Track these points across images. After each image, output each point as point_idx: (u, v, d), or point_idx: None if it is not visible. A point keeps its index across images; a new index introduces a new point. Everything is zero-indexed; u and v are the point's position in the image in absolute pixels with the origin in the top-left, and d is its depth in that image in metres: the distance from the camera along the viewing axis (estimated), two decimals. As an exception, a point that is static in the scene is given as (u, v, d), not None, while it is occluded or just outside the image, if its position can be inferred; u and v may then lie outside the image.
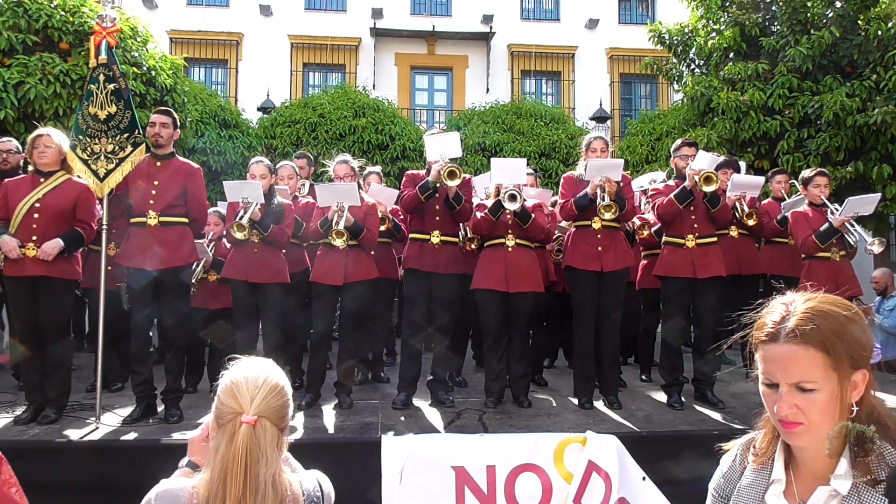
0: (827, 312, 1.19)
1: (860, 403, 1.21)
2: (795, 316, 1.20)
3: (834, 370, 1.16)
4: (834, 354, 1.16)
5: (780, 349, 1.19)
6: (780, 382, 1.20)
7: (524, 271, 4.53)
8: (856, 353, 1.18)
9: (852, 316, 1.20)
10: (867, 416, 1.22)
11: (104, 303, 4.15)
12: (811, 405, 1.18)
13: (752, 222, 5.53)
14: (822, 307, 1.21)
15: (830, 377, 1.17)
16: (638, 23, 14.55)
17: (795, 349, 1.17)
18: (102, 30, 4.21)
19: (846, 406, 1.19)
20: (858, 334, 1.19)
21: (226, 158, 9.79)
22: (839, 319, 1.19)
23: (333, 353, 5.16)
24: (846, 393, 1.18)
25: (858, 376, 1.19)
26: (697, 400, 4.74)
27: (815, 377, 1.17)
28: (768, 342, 1.22)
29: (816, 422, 1.19)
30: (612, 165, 4.51)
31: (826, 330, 1.17)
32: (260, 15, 14.68)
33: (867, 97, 7.36)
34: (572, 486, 3.46)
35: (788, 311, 1.22)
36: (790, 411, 1.19)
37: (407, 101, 14.74)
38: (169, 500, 1.40)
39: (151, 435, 3.84)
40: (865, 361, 1.20)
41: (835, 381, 1.17)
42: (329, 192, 4.47)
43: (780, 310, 1.24)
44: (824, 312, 1.19)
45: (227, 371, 1.49)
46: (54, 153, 4.17)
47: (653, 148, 11.35)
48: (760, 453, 1.35)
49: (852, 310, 1.21)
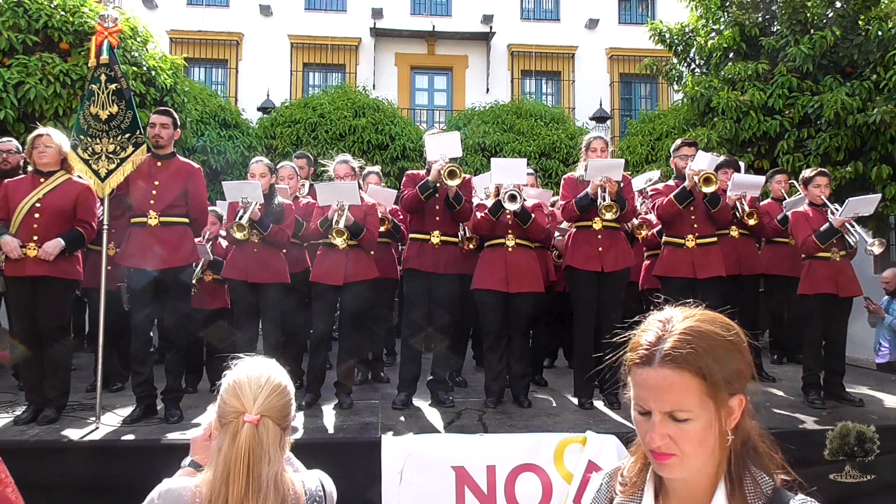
0: (706, 333, 1.09)
1: (735, 431, 1.12)
2: (672, 337, 1.09)
3: (710, 397, 1.07)
4: (710, 380, 1.06)
5: (654, 374, 1.08)
6: (652, 411, 1.09)
7: (524, 271, 4.54)
8: (733, 377, 1.10)
9: (732, 337, 1.11)
10: (742, 444, 1.14)
11: (104, 303, 4.15)
12: (685, 436, 1.08)
13: (752, 222, 5.53)
14: (700, 327, 1.10)
15: (706, 405, 1.07)
16: (638, 23, 14.55)
17: (670, 375, 1.07)
18: (104, 30, 4.21)
19: (722, 435, 1.10)
20: (737, 357, 1.10)
21: (226, 158, 9.79)
22: (718, 341, 1.09)
23: (333, 353, 5.16)
24: (722, 421, 1.09)
25: (735, 402, 1.11)
26: (697, 400, 4.73)
27: (689, 406, 1.07)
28: (642, 365, 1.11)
29: (690, 453, 1.09)
30: (612, 165, 4.51)
31: (703, 353, 1.07)
32: (260, 15, 14.68)
33: (867, 97, 7.35)
34: (572, 486, 3.46)
35: (665, 331, 1.11)
36: (662, 442, 1.09)
37: (407, 101, 14.74)
38: (172, 500, 1.40)
39: (151, 435, 3.84)
40: (743, 386, 1.12)
41: (711, 410, 1.07)
42: (329, 191, 4.47)
43: (656, 329, 1.13)
44: (703, 333, 1.09)
45: (230, 371, 1.49)
46: (54, 153, 4.17)
47: (653, 148, 11.35)
48: (629, 483, 1.25)
49: (732, 330, 1.13)
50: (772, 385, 5.48)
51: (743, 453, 1.14)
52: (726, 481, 1.12)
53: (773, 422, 4.29)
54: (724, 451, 1.12)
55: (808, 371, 4.80)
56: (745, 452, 1.14)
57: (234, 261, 4.54)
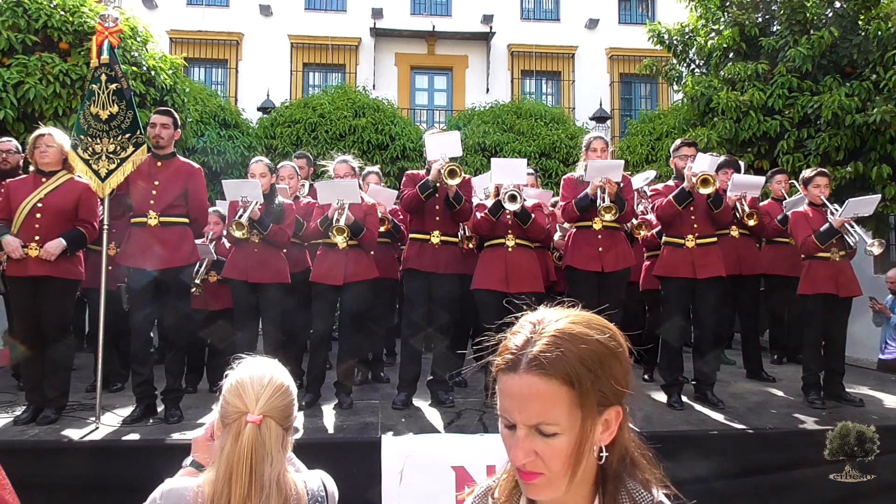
0: (578, 336, 0.98)
1: (611, 446, 1.02)
2: (541, 340, 0.97)
3: (581, 408, 0.96)
4: (581, 389, 0.95)
5: (520, 382, 0.96)
6: (517, 423, 0.97)
7: (524, 271, 4.54)
8: (608, 387, 0.98)
9: (608, 341, 1.00)
10: (619, 460, 1.03)
11: (104, 303, 4.15)
12: (553, 452, 0.96)
13: (752, 223, 5.53)
14: (572, 329, 0.98)
15: (577, 417, 0.96)
16: (638, 23, 14.54)
17: (536, 382, 0.95)
18: (104, 30, 4.21)
19: (594, 450, 0.99)
20: (613, 364, 0.99)
21: (226, 158, 9.79)
22: (591, 346, 0.97)
23: (333, 353, 5.17)
24: (594, 435, 0.98)
25: (611, 415, 1.00)
26: (697, 400, 4.74)
27: (557, 418, 0.95)
28: (507, 371, 0.98)
29: (559, 472, 0.97)
30: (612, 166, 4.52)
31: (573, 359, 0.95)
32: (260, 15, 14.68)
33: (867, 97, 7.36)
34: (572, 486, 3.45)
35: (534, 333, 0.99)
36: (528, 459, 0.96)
37: (407, 101, 14.73)
38: (174, 500, 1.40)
39: (151, 435, 3.84)
40: (619, 396, 1.00)
41: (581, 422, 0.96)
42: (329, 189, 4.47)
43: (527, 331, 1.01)
44: (575, 336, 0.97)
45: (233, 371, 1.49)
46: (56, 153, 4.17)
47: (653, 148, 11.36)
48: None
49: (608, 333, 1.01)
50: (772, 385, 5.49)
51: (620, 470, 1.04)
52: (601, 501, 1.03)
53: (773, 422, 4.29)
54: (598, 469, 1.03)
55: (808, 371, 4.80)
56: (622, 469, 1.04)
57: (234, 261, 4.54)
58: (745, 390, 5.26)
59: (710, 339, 4.80)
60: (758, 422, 4.26)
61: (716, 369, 4.96)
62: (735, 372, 6.07)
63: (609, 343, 1.00)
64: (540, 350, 0.96)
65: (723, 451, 3.95)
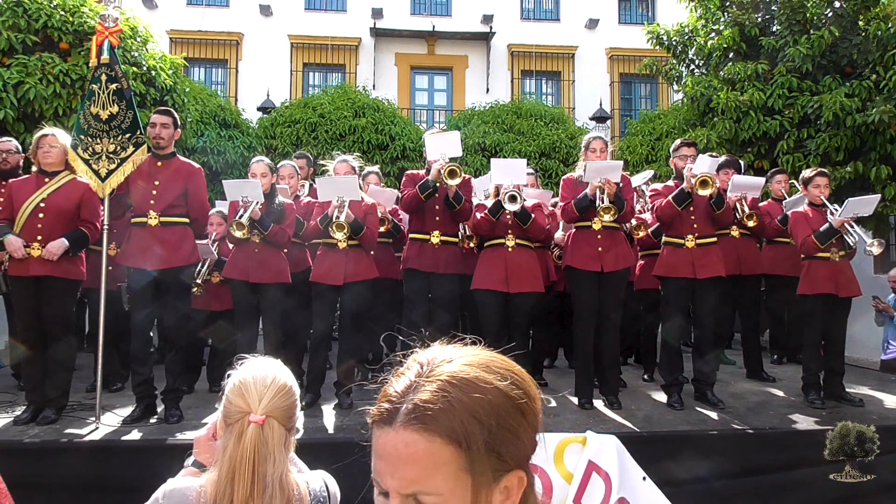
0: (471, 383, 0.77)
1: None
2: (427, 386, 0.77)
3: (469, 474, 0.75)
4: (471, 450, 0.75)
5: (395, 438, 0.76)
6: (389, 491, 0.77)
7: (524, 271, 4.54)
8: (508, 447, 0.78)
9: (508, 389, 0.79)
10: None
11: (104, 303, 4.15)
12: None
13: (752, 223, 5.53)
14: (466, 374, 0.78)
15: (464, 485, 0.75)
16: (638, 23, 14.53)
17: (416, 441, 0.75)
18: (105, 29, 4.21)
19: None
20: (516, 418, 0.79)
21: (226, 158, 9.78)
22: (488, 395, 0.77)
23: (333, 353, 5.17)
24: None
25: (512, 481, 0.79)
26: (697, 400, 4.75)
27: (439, 486, 0.75)
28: (382, 424, 0.79)
29: None
30: (611, 167, 4.51)
31: (463, 412, 0.75)
32: (260, 15, 14.67)
33: (867, 97, 7.36)
34: (572, 487, 3.46)
35: (420, 377, 0.79)
36: None
37: (407, 101, 14.73)
38: (177, 499, 1.40)
39: (151, 435, 3.84)
40: (522, 459, 0.81)
41: (472, 492, 0.76)
42: (329, 186, 4.47)
43: (412, 373, 0.81)
44: (469, 383, 0.77)
45: (235, 371, 1.49)
46: (59, 153, 4.18)
47: (653, 148, 11.34)
48: None
49: (512, 378, 0.81)
50: (772, 385, 5.49)
51: None
52: None
53: (773, 422, 4.29)
54: None
55: (808, 371, 4.80)
56: None
57: (235, 261, 4.54)
58: (745, 390, 5.26)
59: (710, 339, 4.80)
60: (758, 422, 4.26)
61: (716, 369, 4.96)
62: (735, 372, 6.07)
63: (511, 392, 0.79)
64: (423, 399, 0.76)
65: (723, 451, 3.95)
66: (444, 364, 0.80)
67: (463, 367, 0.80)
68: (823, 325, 4.79)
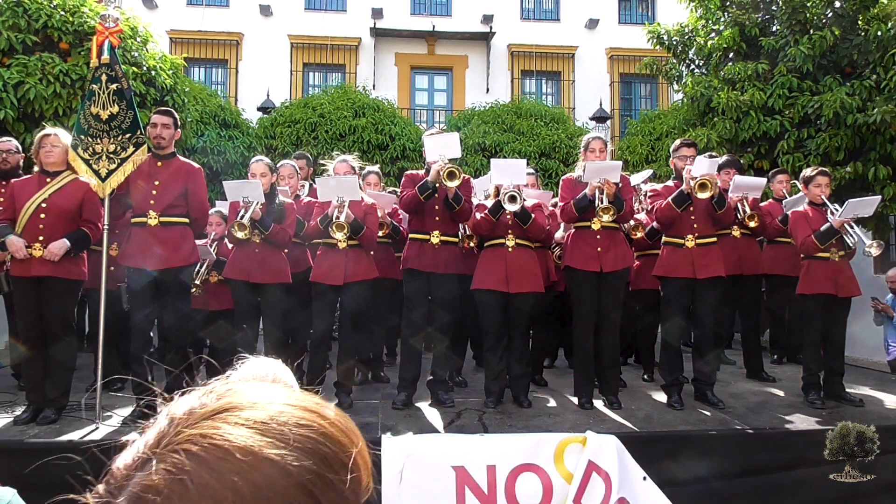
0: (229, 456, 0.51)
1: None
2: (161, 461, 0.52)
3: None
4: None
5: None
6: None
7: (524, 271, 4.54)
8: None
9: (298, 471, 0.52)
10: None
11: (104, 303, 4.15)
12: None
13: (753, 224, 5.53)
14: (232, 440, 0.52)
15: None
16: (638, 23, 14.53)
17: None
18: (105, 29, 4.21)
19: None
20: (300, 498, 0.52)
21: (226, 158, 9.79)
22: (256, 477, 0.51)
23: (333, 353, 5.16)
24: None
25: None
26: (697, 400, 4.75)
27: None
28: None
29: None
30: (610, 167, 4.51)
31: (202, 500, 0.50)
32: (260, 15, 14.67)
33: (867, 97, 7.36)
34: (572, 487, 3.46)
35: (160, 444, 0.54)
36: None
37: (407, 101, 14.73)
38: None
39: (152, 435, 3.84)
40: None
41: None
42: (329, 186, 4.47)
43: (153, 434, 0.56)
44: (224, 456, 0.51)
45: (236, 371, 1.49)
46: (61, 153, 4.17)
47: (653, 148, 11.35)
48: None
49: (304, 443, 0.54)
50: (772, 385, 5.49)
51: None
52: None
53: (773, 422, 4.29)
54: None
55: (808, 371, 4.80)
56: None
57: (235, 261, 4.54)
58: (745, 390, 5.26)
59: (710, 339, 4.81)
60: (758, 422, 4.26)
61: (716, 369, 4.96)
62: (735, 372, 6.07)
63: (293, 467, 0.52)
64: (147, 484, 0.51)
65: (723, 451, 3.95)
66: (202, 421, 0.54)
67: (229, 428, 0.53)
68: (823, 325, 4.79)
